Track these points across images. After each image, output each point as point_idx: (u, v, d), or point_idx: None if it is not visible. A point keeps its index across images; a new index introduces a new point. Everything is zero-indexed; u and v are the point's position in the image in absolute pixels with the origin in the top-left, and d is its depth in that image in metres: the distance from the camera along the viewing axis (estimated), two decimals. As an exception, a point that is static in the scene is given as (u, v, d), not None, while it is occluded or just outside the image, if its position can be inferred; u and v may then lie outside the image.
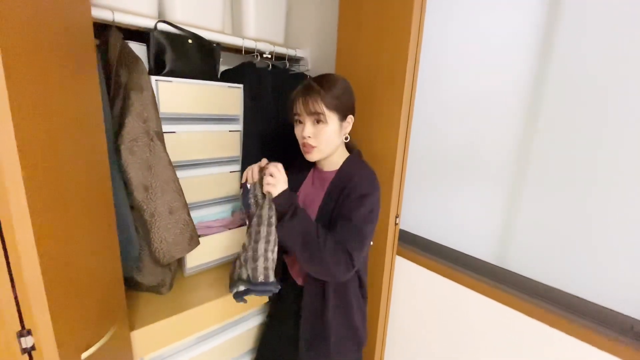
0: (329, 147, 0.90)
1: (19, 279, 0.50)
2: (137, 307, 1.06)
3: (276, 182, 0.84)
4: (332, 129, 0.88)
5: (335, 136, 0.90)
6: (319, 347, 0.96)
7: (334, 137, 0.89)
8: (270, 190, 0.84)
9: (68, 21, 0.61)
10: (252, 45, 1.40)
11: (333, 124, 0.88)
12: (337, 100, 0.87)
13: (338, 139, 0.91)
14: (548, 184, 0.93)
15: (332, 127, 0.88)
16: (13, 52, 0.46)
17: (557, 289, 0.93)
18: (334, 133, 0.89)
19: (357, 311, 0.98)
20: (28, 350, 0.53)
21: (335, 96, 0.87)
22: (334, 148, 0.92)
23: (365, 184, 0.88)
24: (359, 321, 0.99)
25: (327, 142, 0.89)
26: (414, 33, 1.00)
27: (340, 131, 0.91)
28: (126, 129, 1.00)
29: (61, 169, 0.58)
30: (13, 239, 0.48)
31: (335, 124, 0.88)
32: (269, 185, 0.84)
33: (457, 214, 1.16)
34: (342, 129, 0.92)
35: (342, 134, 0.93)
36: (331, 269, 0.80)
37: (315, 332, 0.96)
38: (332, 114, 0.87)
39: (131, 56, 1.03)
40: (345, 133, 0.94)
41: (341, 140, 0.94)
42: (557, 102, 0.90)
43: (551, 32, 0.89)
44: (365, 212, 0.85)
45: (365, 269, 1.02)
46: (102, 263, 0.74)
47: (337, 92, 0.87)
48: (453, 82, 1.11)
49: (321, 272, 0.85)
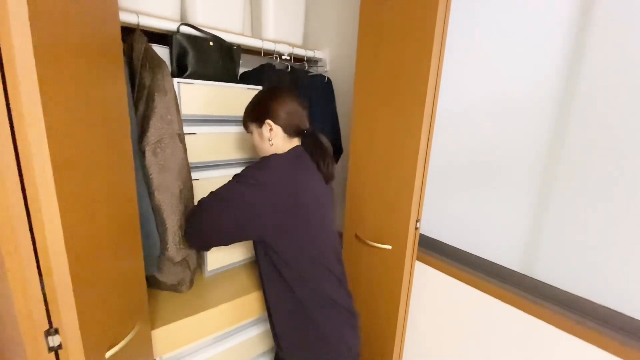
0: (260, 153, 1.00)
1: (48, 279, 0.51)
2: (157, 306, 1.07)
3: None
4: (254, 138, 1.01)
5: (259, 143, 0.99)
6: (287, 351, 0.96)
7: (258, 144, 1.00)
8: None
9: (97, 26, 0.62)
10: (272, 47, 1.40)
11: (254, 132, 1.00)
12: (250, 110, 1.00)
13: (262, 145, 0.98)
14: (577, 190, 0.89)
15: (254, 136, 1.00)
16: (46, 57, 0.47)
17: (587, 299, 0.89)
18: (257, 141, 1.00)
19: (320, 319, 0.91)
20: (55, 349, 0.54)
21: (249, 108, 1.00)
22: (266, 152, 0.97)
23: (248, 168, 0.90)
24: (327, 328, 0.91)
25: (257, 148, 1.01)
26: (438, 33, 0.97)
27: (262, 138, 0.97)
28: (150, 131, 1.01)
29: (89, 170, 0.59)
30: (43, 239, 0.49)
31: (255, 132, 0.99)
32: None
33: (480, 219, 1.12)
34: (263, 135, 0.97)
35: (265, 140, 0.97)
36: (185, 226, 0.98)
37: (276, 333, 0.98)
38: (249, 123, 1.00)
39: (155, 59, 1.04)
40: (269, 138, 0.95)
41: (267, 146, 0.97)
42: (588, 105, 0.86)
43: (583, 30, 0.85)
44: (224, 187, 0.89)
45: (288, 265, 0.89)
46: (125, 262, 0.75)
47: (251, 104, 1.01)
48: (478, 84, 1.08)
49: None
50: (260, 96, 1.01)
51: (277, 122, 0.95)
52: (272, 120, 0.95)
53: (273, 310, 0.96)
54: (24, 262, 0.48)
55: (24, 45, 0.43)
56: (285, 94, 0.98)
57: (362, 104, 1.23)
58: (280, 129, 0.95)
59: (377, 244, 1.21)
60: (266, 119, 0.95)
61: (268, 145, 0.97)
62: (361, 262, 1.30)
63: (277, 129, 0.95)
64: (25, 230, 0.47)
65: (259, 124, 0.97)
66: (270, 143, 0.96)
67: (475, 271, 1.12)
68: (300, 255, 0.89)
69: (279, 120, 0.95)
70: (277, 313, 0.95)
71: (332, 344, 0.91)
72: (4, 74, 0.43)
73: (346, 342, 0.94)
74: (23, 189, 0.47)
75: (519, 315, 0.99)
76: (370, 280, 1.28)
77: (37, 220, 0.48)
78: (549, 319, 0.92)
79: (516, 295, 1.00)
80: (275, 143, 0.96)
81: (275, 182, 0.85)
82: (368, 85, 1.21)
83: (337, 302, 0.93)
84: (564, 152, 0.91)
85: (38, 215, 0.48)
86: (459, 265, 1.16)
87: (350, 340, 0.95)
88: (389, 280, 1.21)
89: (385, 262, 1.21)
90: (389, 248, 1.19)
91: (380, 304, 1.25)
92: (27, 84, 0.44)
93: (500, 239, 1.08)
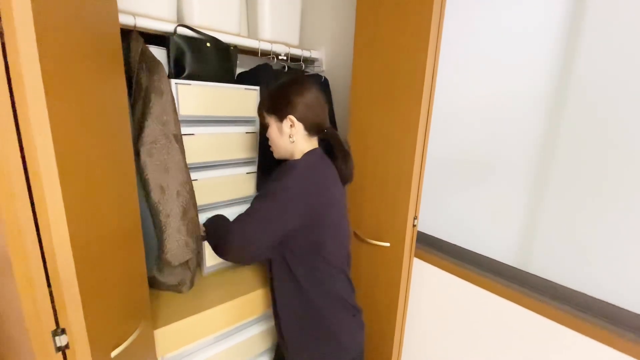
0: (279, 148, 0.94)
1: (55, 280, 0.51)
2: (159, 306, 1.08)
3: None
4: (273, 131, 0.92)
5: (277, 138, 0.92)
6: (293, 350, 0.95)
7: (276, 138, 0.93)
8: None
9: (98, 29, 0.63)
10: (268, 47, 1.41)
11: (272, 126, 0.92)
12: (270, 101, 0.91)
13: (283, 141, 0.91)
14: (571, 186, 0.91)
15: (272, 130, 0.92)
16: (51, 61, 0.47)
17: (581, 293, 0.91)
18: (275, 135, 0.92)
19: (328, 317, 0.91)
20: (62, 349, 0.55)
21: (270, 97, 0.92)
22: (285, 149, 0.93)
23: (281, 174, 0.85)
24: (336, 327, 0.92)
25: (274, 143, 0.94)
26: (434, 31, 0.99)
27: (282, 132, 0.91)
28: (146, 132, 1.02)
29: (93, 171, 0.60)
30: (50, 240, 0.50)
31: (273, 126, 0.92)
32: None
33: (476, 216, 1.14)
34: (283, 131, 0.90)
35: (285, 137, 0.90)
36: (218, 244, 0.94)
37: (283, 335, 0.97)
38: (268, 116, 0.92)
39: (152, 60, 1.05)
40: (290, 134, 0.89)
41: (286, 142, 0.91)
42: (581, 102, 0.88)
43: (575, 30, 0.87)
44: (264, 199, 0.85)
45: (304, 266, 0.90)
46: (129, 263, 0.76)
47: (272, 94, 0.92)
48: (473, 82, 1.10)
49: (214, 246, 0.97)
50: (284, 88, 0.91)
51: (300, 119, 0.89)
52: (295, 116, 0.88)
53: (282, 310, 0.95)
54: (31, 263, 0.49)
55: (29, 50, 0.44)
56: (312, 90, 0.91)
57: (359, 103, 1.25)
58: (302, 126, 0.89)
59: (376, 241, 1.22)
60: (288, 114, 0.88)
61: (288, 141, 0.91)
62: (360, 259, 1.32)
63: (299, 126, 0.89)
64: (32, 232, 0.48)
65: (279, 118, 0.90)
66: (292, 140, 0.90)
67: (472, 267, 1.14)
68: (317, 256, 0.88)
69: (301, 116, 0.88)
70: (286, 312, 0.94)
71: (342, 342, 0.92)
72: (10, 79, 0.43)
73: (355, 340, 0.95)
74: (29, 191, 0.47)
75: (515, 309, 1.00)
76: (369, 278, 1.30)
77: (43, 222, 0.49)
78: (544, 312, 0.94)
79: (512, 290, 1.01)
80: (296, 140, 0.90)
81: (307, 191, 0.83)
82: (365, 84, 1.22)
83: (347, 302, 0.94)
84: (558, 149, 0.93)
85: (45, 217, 0.49)
86: (456, 261, 1.18)
87: (359, 337, 0.97)
88: (388, 278, 1.23)
89: (383, 260, 1.23)
90: (387, 245, 1.20)
91: (379, 301, 1.27)
92: (33, 88, 0.45)
93: (496, 235, 1.10)
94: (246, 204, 1.45)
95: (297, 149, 0.91)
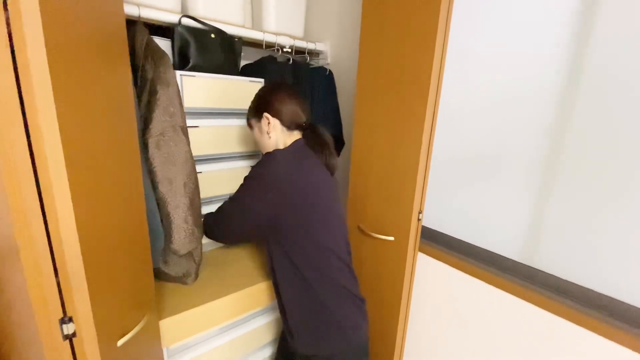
0: (261, 147, 1.03)
1: (62, 268, 0.52)
2: (164, 297, 1.08)
3: None
4: (254, 133, 1.03)
5: (259, 137, 1.02)
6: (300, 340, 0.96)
7: (258, 138, 1.03)
8: None
9: (104, 20, 0.62)
10: (273, 39, 1.40)
11: (254, 127, 1.02)
12: (251, 106, 1.02)
13: (262, 139, 1.01)
14: (579, 181, 0.90)
15: (255, 131, 1.03)
16: (57, 50, 0.47)
17: (587, 288, 0.90)
18: (257, 135, 1.03)
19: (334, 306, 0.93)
20: (69, 337, 0.55)
21: (252, 104, 1.03)
22: (266, 146, 1.00)
23: (254, 168, 0.94)
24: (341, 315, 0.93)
25: (257, 143, 1.04)
26: (442, 23, 0.97)
27: (262, 131, 0.99)
28: (153, 123, 1.02)
29: (99, 161, 0.60)
30: (57, 229, 0.50)
31: (255, 128, 1.02)
32: None
33: (482, 210, 1.13)
34: (262, 129, 0.99)
35: (264, 134, 0.98)
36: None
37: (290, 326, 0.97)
38: (251, 118, 1.02)
39: (157, 51, 1.04)
40: (268, 131, 0.97)
41: (266, 139, 0.99)
42: (589, 98, 0.86)
43: (586, 23, 0.85)
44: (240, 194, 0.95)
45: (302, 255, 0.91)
46: (135, 253, 0.76)
47: (253, 100, 1.02)
48: (480, 76, 1.08)
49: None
50: (259, 91, 1.03)
51: (275, 115, 0.96)
52: (269, 113, 0.96)
53: (287, 303, 0.96)
54: (39, 252, 0.49)
55: (36, 40, 0.43)
56: (283, 88, 1.00)
57: (364, 96, 1.23)
58: (279, 122, 0.97)
59: (380, 235, 1.22)
60: (264, 112, 0.97)
61: (267, 138, 0.99)
62: (364, 253, 1.32)
63: (274, 122, 0.96)
64: (39, 221, 0.48)
65: (258, 118, 0.99)
66: (269, 136, 0.98)
67: (477, 261, 1.14)
68: (309, 242, 0.90)
69: (276, 113, 0.96)
70: (289, 302, 0.96)
71: (347, 330, 0.93)
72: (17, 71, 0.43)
73: (359, 328, 0.96)
74: (37, 181, 0.47)
75: (520, 303, 1.00)
76: (373, 272, 1.30)
77: (50, 212, 0.49)
78: (549, 307, 0.94)
79: (516, 284, 1.01)
80: (274, 136, 0.98)
81: (280, 178, 0.87)
82: (370, 77, 1.21)
83: (349, 290, 0.95)
84: (566, 143, 0.92)
85: (52, 206, 0.49)
86: (461, 256, 1.18)
87: (363, 326, 0.98)
88: (392, 272, 1.23)
89: (387, 254, 1.23)
90: (391, 240, 1.20)
91: (383, 295, 1.27)
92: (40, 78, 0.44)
93: (501, 229, 1.09)
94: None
95: (279, 144, 0.98)
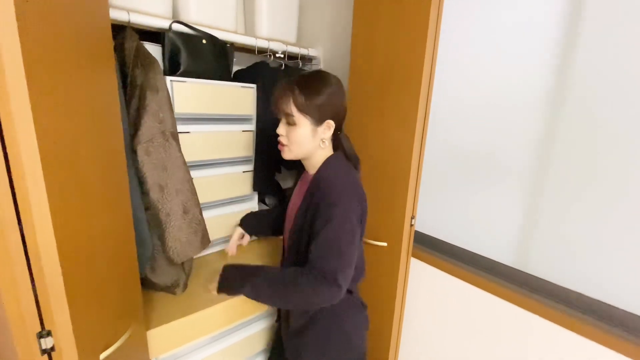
0: (300, 149, 0.85)
1: (39, 280, 0.50)
2: (152, 307, 1.06)
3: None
4: (301, 132, 0.82)
5: (306, 140, 0.83)
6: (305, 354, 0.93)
7: (304, 140, 0.83)
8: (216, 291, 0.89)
9: (87, 22, 0.61)
10: (265, 44, 1.39)
11: (304, 127, 0.82)
12: (310, 102, 0.80)
13: (311, 143, 0.84)
14: (570, 186, 0.90)
15: (301, 131, 0.82)
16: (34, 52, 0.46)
17: (578, 293, 0.91)
18: (304, 137, 0.83)
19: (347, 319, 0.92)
20: (47, 351, 0.53)
21: (310, 98, 0.80)
22: (307, 150, 0.86)
23: (332, 193, 0.80)
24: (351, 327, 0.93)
25: (297, 143, 0.84)
26: (432, 29, 0.97)
27: (314, 135, 0.84)
28: (142, 129, 1.00)
29: (81, 168, 0.58)
30: (34, 240, 0.48)
31: (306, 127, 0.82)
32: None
33: (474, 216, 1.13)
34: (317, 133, 0.84)
35: (317, 139, 0.84)
36: (313, 299, 0.76)
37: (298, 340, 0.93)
38: (303, 116, 0.81)
39: (146, 57, 1.03)
40: (323, 138, 0.85)
41: (316, 144, 0.85)
42: (578, 104, 0.87)
43: (574, 28, 0.86)
44: (336, 227, 0.76)
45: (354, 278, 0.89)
46: (120, 263, 0.74)
47: (313, 94, 0.80)
48: (471, 81, 1.09)
49: (306, 305, 0.84)
50: (330, 89, 0.84)
51: (337, 124, 0.86)
52: (334, 121, 0.85)
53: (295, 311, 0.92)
54: (15, 263, 0.47)
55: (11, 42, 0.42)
56: (345, 93, 0.88)
57: (356, 101, 1.23)
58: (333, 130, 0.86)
59: (373, 241, 1.21)
60: (329, 118, 0.84)
61: (318, 145, 0.85)
62: (357, 259, 1.31)
63: (332, 130, 0.86)
64: (15, 231, 0.47)
65: (316, 121, 0.83)
66: (324, 145, 0.86)
67: (470, 267, 1.13)
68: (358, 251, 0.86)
69: (337, 122, 0.85)
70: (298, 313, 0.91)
71: (353, 342, 0.92)
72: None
73: (363, 339, 0.96)
74: (12, 189, 0.46)
75: (512, 308, 1.00)
76: (367, 277, 1.28)
77: (27, 221, 0.47)
78: (541, 312, 0.94)
79: (509, 290, 1.01)
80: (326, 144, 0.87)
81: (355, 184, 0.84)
82: (362, 82, 1.21)
83: (362, 303, 0.96)
84: (554, 149, 0.92)
85: (28, 215, 0.47)
86: (454, 261, 1.17)
87: (365, 336, 0.97)
88: (385, 277, 1.22)
89: (381, 259, 1.22)
90: (384, 245, 1.19)
91: (376, 301, 1.26)
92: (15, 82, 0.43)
93: (493, 235, 1.09)
94: (242, 202, 1.44)
95: (322, 153, 0.88)
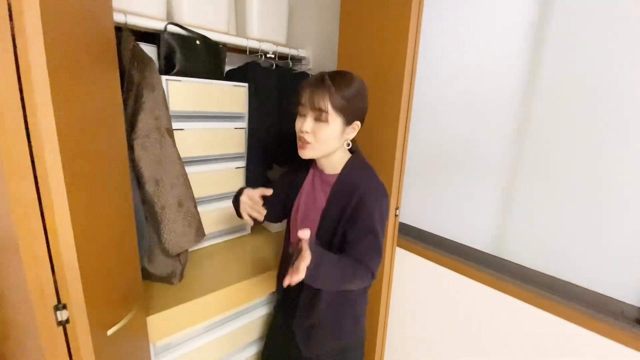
0: (325, 148, 0.85)
1: (57, 258, 0.55)
2: (151, 294, 1.11)
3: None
4: (332, 131, 0.82)
5: (335, 139, 0.83)
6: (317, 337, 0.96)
7: (332, 139, 0.83)
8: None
9: (98, 27, 0.66)
10: (256, 45, 1.45)
11: (335, 125, 0.81)
12: (346, 102, 0.80)
13: (337, 143, 0.85)
14: (542, 176, 0.98)
15: (332, 129, 0.81)
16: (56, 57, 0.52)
17: (552, 276, 0.97)
18: (334, 135, 0.82)
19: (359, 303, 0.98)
20: (63, 323, 0.58)
21: (346, 98, 0.80)
22: (331, 150, 0.86)
23: (376, 193, 0.84)
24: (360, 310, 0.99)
25: (325, 142, 0.83)
26: (412, 31, 1.05)
27: (342, 135, 0.84)
28: (139, 126, 1.05)
29: (91, 158, 0.64)
30: (53, 222, 0.54)
31: (337, 127, 0.82)
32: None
33: (456, 206, 1.20)
34: (345, 133, 0.84)
35: (343, 139, 0.86)
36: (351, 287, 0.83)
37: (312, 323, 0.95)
38: (337, 115, 0.81)
39: (143, 57, 1.08)
40: (347, 139, 0.87)
41: (341, 144, 0.86)
42: (550, 97, 0.94)
43: (543, 27, 0.93)
44: (378, 226, 0.82)
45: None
46: (123, 249, 0.79)
47: (349, 94, 0.80)
48: (451, 78, 1.15)
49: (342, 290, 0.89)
50: (361, 90, 0.84)
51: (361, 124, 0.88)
52: (362, 123, 0.87)
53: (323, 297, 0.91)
54: (36, 242, 0.53)
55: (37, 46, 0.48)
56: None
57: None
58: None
59: (360, 231, 1.28)
60: (358, 120, 0.85)
61: (343, 145, 0.87)
62: (345, 249, 1.37)
63: (356, 131, 0.88)
64: (36, 213, 0.52)
65: (347, 121, 0.83)
66: (348, 144, 0.88)
67: (452, 255, 1.20)
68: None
69: (362, 123, 0.88)
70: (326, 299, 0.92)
71: (360, 324, 0.98)
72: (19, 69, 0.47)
73: (364, 322, 1.02)
74: (35, 175, 0.51)
75: (492, 293, 1.06)
76: (354, 267, 1.35)
77: (47, 205, 0.53)
78: (514, 292, 1.01)
79: (488, 275, 1.07)
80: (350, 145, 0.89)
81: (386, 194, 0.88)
82: (349, 82, 1.27)
83: (367, 289, 1.00)
84: (529, 141, 0.99)
85: (48, 199, 0.52)
86: (437, 249, 1.24)
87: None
88: (372, 265, 1.28)
89: (367, 249, 1.28)
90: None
91: (363, 288, 1.32)
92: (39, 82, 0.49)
93: (473, 224, 1.16)
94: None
95: (342, 153, 0.90)
